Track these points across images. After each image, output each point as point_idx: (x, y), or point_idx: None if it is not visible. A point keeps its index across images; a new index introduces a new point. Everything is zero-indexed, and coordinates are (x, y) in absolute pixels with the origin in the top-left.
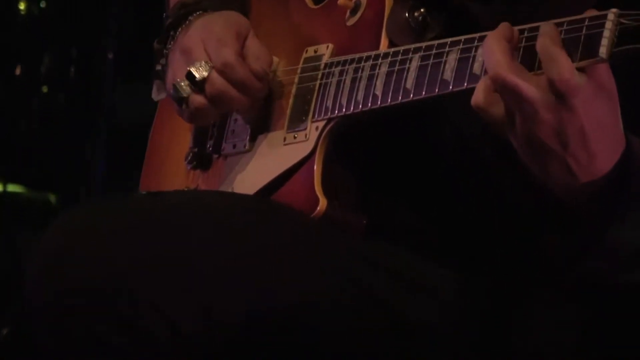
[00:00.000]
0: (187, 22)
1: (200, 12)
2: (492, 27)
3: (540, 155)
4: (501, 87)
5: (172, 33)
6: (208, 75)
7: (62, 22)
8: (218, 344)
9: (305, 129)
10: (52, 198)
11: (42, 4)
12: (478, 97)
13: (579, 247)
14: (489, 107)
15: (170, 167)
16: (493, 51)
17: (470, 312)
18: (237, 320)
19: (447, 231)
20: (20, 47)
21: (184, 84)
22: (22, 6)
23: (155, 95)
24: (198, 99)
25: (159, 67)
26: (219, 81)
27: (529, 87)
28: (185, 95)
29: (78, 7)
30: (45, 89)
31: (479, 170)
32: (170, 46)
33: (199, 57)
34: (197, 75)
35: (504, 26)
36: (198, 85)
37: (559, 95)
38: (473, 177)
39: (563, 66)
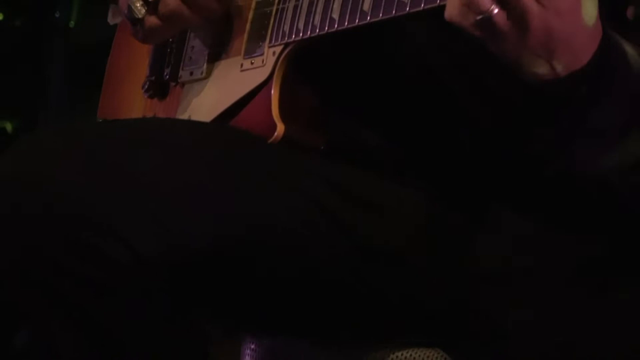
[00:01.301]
0: None
1: None
2: None
3: (525, 59)
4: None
5: None
6: None
7: None
8: (179, 266)
9: (263, 54)
10: (9, 126)
11: None
12: (452, 10)
13: (564, 131)
14: (463, 19)
15: (128, 96)
16: None
17: (434, 233)
18: (197, 243)
19: (410, 150)
20: None
21: (139, 5)
22: None
23: (111, 19)
24: (152, 20)
25: None
26: (172, 1)
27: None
28: (139, 16)
29: None
30: (0, 15)
31: (437, 85)
32: None
33: None
34: None
35: None
36: (151, 6)
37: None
38: (435, 95)
39: None
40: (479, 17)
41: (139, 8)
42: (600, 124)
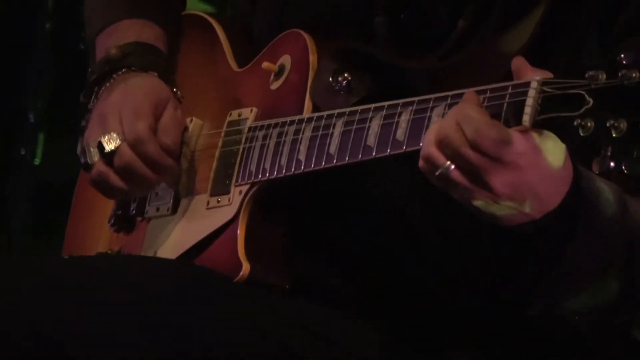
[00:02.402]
0: (112, 79)
1: (125, 69)
2: (421, 84)
3: (492, 207)
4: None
5: (96, 89)
6: (117, 148)
7: None
8: None
9: (229, 192)
10: None
11: None
12: (420, 162)
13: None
14: (427, 172)
15: (94, 229)
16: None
17: None
18: None
19: (371, 292)
20: None
21: (94, 152)
22: None
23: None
24: (102, 168)
25: (83, 123)
26: (127, 154)
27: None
28: (90, 162)
29: None
30: None
31: (405, 228)
32: (93, 103)
33: (113, 127)
34: (106, 147)
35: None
36: (106, 157)
37: (499, 155)
38: (398, 235)
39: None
40: (437, 172)
41: (92, 153)
42: (572, 264)
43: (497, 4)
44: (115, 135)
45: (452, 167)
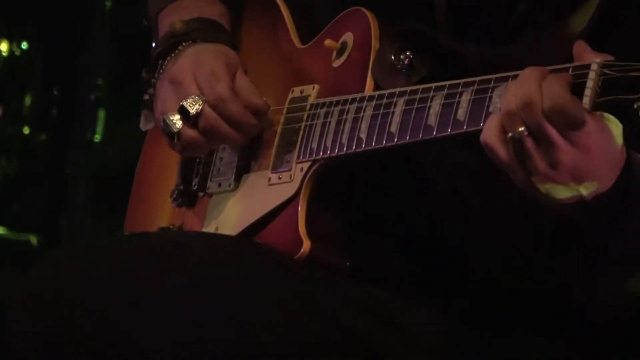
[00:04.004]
0: (177, 51)
1: (190, 42)
2: (479, 69)
3: (552, 189)
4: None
5: (160, 62)
6: (201, 110)
7: (44, 63)
8: None
9: (290, 169)
10: (34, 239)
11: (24, 45)
12: (487, 132)
13: (586, 258)
14: (499, 147)
15: (156, 204)
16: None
17: (454, 354)
18: None
19: (432, 274)
20: (1, 87)
21: (175, 119)
22: (3, 47)
23: (143, 125)
24: (190, 133)
25: (146, 97)
26: (212, 116)
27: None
28: (175, 130)
29: (59, 48)
30: (26, 129)
31: (466, 216)
32: (158, 75)
33: (191, 90)
34: (190, 110)
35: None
36: (191, 120)
37: (570, 135)
38: (460, 223)
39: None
40: (511, 134)
41: (174, 121)
42: (623, 248)
43: None
44: (196, 97)
45: (527, 132)
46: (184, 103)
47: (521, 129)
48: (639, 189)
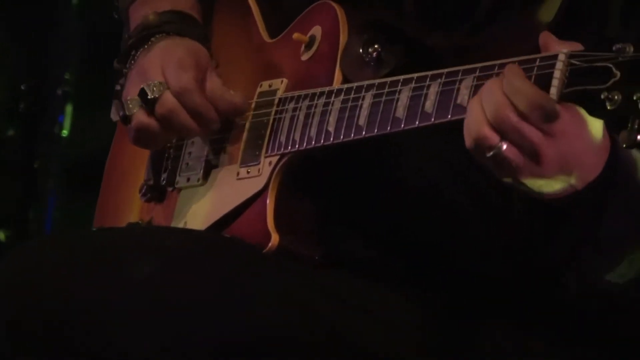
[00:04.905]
0: (149, 42)
1: (163, 34)
2: (449, 60)
3: (543, 184)
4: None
5: (133, 53)
6: (160, 96)
7: (11, 57)
8: None
9: (259, 163)
10: (2, 235)
11: None
12: (468, 143)
13: (573, 244)
14: (477, 154)
15: (125, 199)
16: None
17: (427, 343)
18: (190, 358)
19: (408, 266)
20: None
21: (133, 102)
22: None
23: (114, 116)
24: (142, 117)
25: (118, 87)
26: (171, 102)
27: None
28: (129, 113)
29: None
30: None
31: (441, 207)
32: (130, 66)
33: (155, 77)
34: (149, 93)
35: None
36: (149, 104)
37: (547, 127)
38: (435, 214)
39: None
40: (490, 153)
41: (131, 105)
42: (609, 234)
43: None
44: (157, 83)
45: (505, 146)
46: (144, 86)
47: (499, 144)
48: (626, 176)
